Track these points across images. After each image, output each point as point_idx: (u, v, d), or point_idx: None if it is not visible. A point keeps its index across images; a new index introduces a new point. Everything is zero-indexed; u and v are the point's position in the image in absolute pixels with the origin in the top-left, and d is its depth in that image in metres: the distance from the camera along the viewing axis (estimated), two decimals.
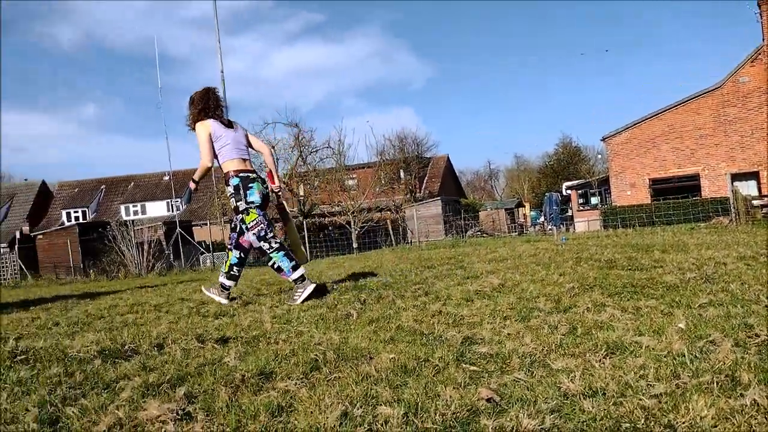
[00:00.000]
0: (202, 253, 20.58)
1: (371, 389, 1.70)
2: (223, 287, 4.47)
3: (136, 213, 37.85)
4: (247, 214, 4.32)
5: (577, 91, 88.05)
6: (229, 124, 4.50)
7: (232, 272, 4.45)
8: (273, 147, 23.60)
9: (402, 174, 34.59)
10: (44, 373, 2.30)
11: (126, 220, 22.03)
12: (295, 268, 4.33)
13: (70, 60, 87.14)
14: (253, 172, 4.46)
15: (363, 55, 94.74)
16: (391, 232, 21.55)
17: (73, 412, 1.73)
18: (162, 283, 9.08)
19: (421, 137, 38.54)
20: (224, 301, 4.40)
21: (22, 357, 2.69)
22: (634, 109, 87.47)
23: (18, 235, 27.48)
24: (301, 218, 21.75)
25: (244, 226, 4.35)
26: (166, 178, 33.09)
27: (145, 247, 16.62)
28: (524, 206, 34.81)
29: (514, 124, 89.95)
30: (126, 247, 16.54)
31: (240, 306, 4.10)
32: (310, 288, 4.18)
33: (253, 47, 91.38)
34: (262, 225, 4.34)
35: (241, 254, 4.47)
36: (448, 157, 43.39)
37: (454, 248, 11.13)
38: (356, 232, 19.96)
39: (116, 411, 1.63)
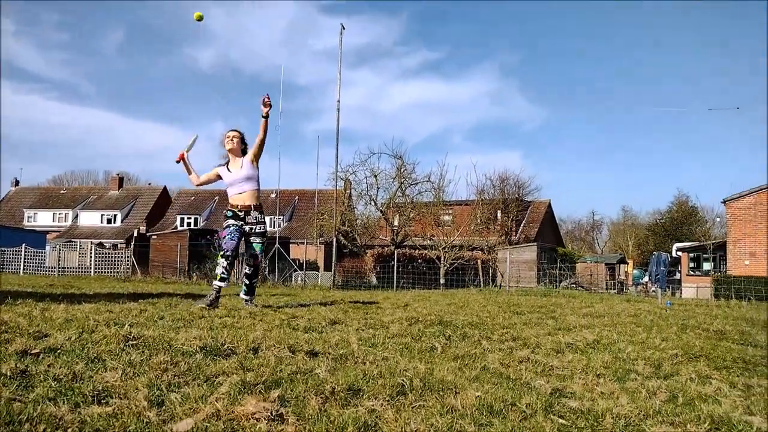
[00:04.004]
0: (295, 270, 21.36)
1: (456, 422, 1.70)
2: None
3: None
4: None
5: (703, 147, 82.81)
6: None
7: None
8: (375, 176, 24.21)
9: (499, 215, 34.01)
10: (153, 359, 2.50)
11: None
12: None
13: (207, 80, 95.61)
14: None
15: (477, 94, 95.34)
16: (480, 273, 21.17)
17: (176, 397, 1.87)
18: (257, 294, 9.52)
19: (524, 180, 37.73)
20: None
21: (134, 342, 2.95)
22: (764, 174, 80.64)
23: (135, 234, 30.17)
24: (392, 247, 21.97)
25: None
26: (273, 195, 34.92)
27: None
28: (627, 263, 32.77)
29: (625, 175, 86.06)
30: None
31: (327, 324, 4.22)
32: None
33: (372, 80, 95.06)
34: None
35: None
36: (549, 203, 42.17)
37: (546, 297, 10.72)
38: (445, 268, 19.80)
39: (215, 402, 1.75)
